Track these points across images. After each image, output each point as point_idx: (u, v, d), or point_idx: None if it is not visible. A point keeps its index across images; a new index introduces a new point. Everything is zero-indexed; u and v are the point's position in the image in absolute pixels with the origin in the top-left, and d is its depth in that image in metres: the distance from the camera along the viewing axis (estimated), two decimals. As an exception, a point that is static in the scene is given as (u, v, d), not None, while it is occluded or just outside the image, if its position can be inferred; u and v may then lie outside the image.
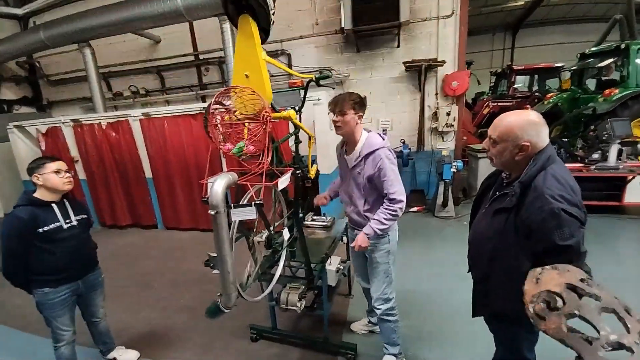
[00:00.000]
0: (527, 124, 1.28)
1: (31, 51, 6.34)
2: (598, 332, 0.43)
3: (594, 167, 4.52)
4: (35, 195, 1.95)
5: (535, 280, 0.56)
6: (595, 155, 4.61)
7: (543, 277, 0.55)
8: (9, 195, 6.34)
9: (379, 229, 1.92)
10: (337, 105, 1.91)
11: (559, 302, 0.49)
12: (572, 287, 0.51)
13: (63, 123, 5.33)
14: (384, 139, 1.98)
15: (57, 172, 1.94)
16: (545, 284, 0.53)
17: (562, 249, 1.17)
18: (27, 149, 5.82)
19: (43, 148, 5.52)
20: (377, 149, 1.91)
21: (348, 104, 1.88)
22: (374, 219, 1.94)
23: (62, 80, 7.44)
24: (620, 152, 4.54)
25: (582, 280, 0.52)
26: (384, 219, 1.92)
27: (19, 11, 6.85)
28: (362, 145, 1.96)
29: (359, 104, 1.92)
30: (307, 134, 2.08)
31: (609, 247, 3.74)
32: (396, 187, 1.90)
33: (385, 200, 1.95)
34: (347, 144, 2.08)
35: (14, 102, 7.43)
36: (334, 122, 1.95)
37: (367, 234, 1.95)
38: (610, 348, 0.41)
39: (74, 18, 5.40)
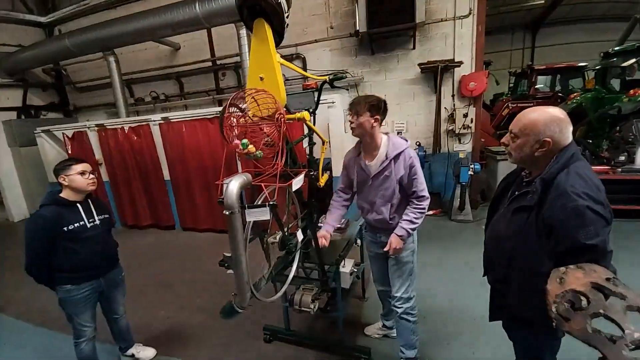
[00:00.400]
0: (551, 120, 1.24)
1: (57, 58, 6.67)
2: (623, 331, 0.41)
3: (620, 169, 4.33)
4: (61, 195, 2.04)
5: (559, 280, 0.54)
6: (622, 157, 4.42)
7: (567, 277, 0.53)
8: (36, 197, 6.67)
9: (410, 229, 1.95)
10: (353, 106, 1.92)
11: (584, 302, 0.48)
12: (598, 287, 0.49)
13: (88, 127, 5.56)
14: (406, 140, 1.99)
15: (82, 173, 2.03)
16: (569, 284, 0.51)
17: (587, 248, 1.12)
18: (54, 152, 6.10)
19: (69, 151, 5.77)
20: (405, 149, 1.93)
21: (364, 106, 1.88)
22: (405, 220, 1.95)
23: (87, 86, 7.77)
24: (648, 154, 4.33)
25: (607, 279, 0.50)
26: (415, 218, 1.94)
27: (43, 19, 7.11)
28: (387, 149, 1.94)
29: (376, 107, 1.89)
30: (321, 138, 2.08)
31: (636, 252, 3.56)
32: (424, 185, 1.95)
33: (413, 200, 1.96)
34: (365, 150, 2.04)
35: (41, 108, 7.78)
36: (350, 122, 1.96)
37: (400, 235, 1.95)
38: (633, 347, 0.39)
39: (98, 27, 5.66)
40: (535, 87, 9.01)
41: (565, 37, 12.53)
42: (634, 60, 5.70)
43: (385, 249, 2.01)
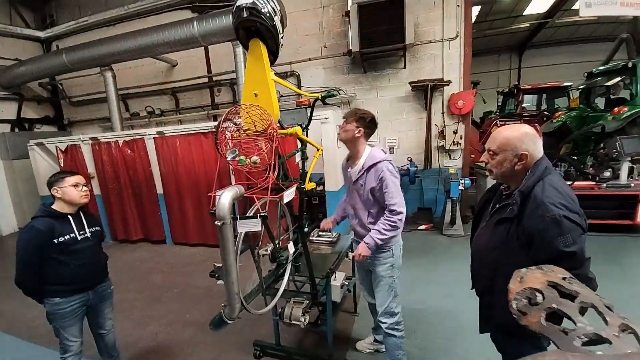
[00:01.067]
0: (524, 135, 1.34)
1: (54, 73, 6.74)
2: (575, 324, 0.46)
3: (605, 185, 4.46)
4: (53, 207, 2.05)
5: (520, 279, 0.59)
6: (606, 173, 4.56)
7: (527, 277, 0.58)
8: (27, 210, 6.57)
9: (378, 239, 1.97)
10: (347, 114, 2.09)
11: (539, 298, 0.53)
12: (553, 285, 0.54)
13: (82, 141, 5.57)
14: (386, 153, 2.07)
15: (76, 185, 2.04)
16: (528, 282, 0.56)
17: (565, 256, 1.18)
18: (46, 165, 6.07)
19: (61, 165, 5.75)
20: (379, 162, 2.00)
21: (354, 116, 2.03)
22: (374, 229, 2.01)
23: (82, 101, 7.82)
24: (631, 170, 4.48)
25: (564, 278, 0.55)
26: (384, 229, 1.97)
27: (41, 34, 7.25)
28: (364, 159, 2.06)
29: (363, 119, 2.02)
30: (315, 146, 2.14)
31: (621, 265, 3.63)
32: (396, 199, 1.96)
33: (385, 212, 2.01)
34: (351, 157, 2.18)
35: (35, 121, 7.79)
36: (339, 126, 2.11)
37: (367, 243, 1.99)
38: (586, 339, 0.43)
39: (96, 44, 5.77)
40: (522, 105, 9.32)
41: (550, 58, 13.09)
42: (619, 78, 5.96)
43: (352, 254, 2.11)
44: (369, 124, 2.05)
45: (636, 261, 3.79)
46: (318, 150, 2.16)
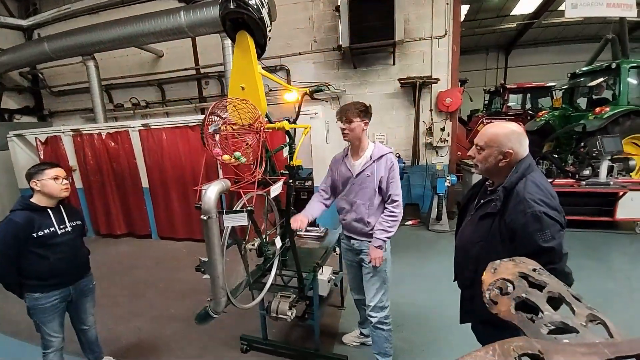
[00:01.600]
0: (511, 133, 1.37)
1: (35, 62, 6.47)
2: (542, 312, 0.48)
3: (584, 182, 4.60)
4: (32, 200, 1.99)
5: (493, 270, 0.61)
6: (586, 172, 4.70)
7: (500, 268, 0.60)
8: (6, 204, 6.34)
9: (386, 237, 2.03)
10: (343, 114, 2.03)
11: (510, 288, 0.54)
12: (524, 275, 0.56)
13: (63, 132, 5.40)
14: (390, 148, 2.14)
15: (56, 178, 1.99)
16: (500, 273, 0.58)
17: (544, 251, 1.23)
18: (26, 157, 5.86)
19: (41, 157, 5.56)
20: (388, 153, 2.06)
21: (354, 112, 2.01)
22: (379, 229, 2.03)
23: (64, 91, 7.56)
24: (611, 169, 4.63)
25: (534, 270, 0.57)
26: (388, 227, 2.02)
27: (23, 22, 6.98)
28: (371, 151, 2.08)
29: (365, 112, 2.04)
30: (303, 127, 2.13)
31: (601, 261, 3.78)
32: (400, 191, 2.05)
33: (387, 206, 2.04)
34: (352, 151, 2.16)
35: (15, 112, 7.51)
36: (342, 129, 2.06)
37: (378, 247, 2.03)
38: (553, 327, 0.45)
39: (78, 32, 5.56)
40: (508, 104, 9.51)
41: (536, 58, 13.35)
42: (601, 79, 6.12)
43: (369, 263, 2.09)
44: (369, 114, 2.07)
45: (615, 256, 3.95)
46: (306, 128, 2.14)
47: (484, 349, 0.41)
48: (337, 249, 2.94)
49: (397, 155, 5.47)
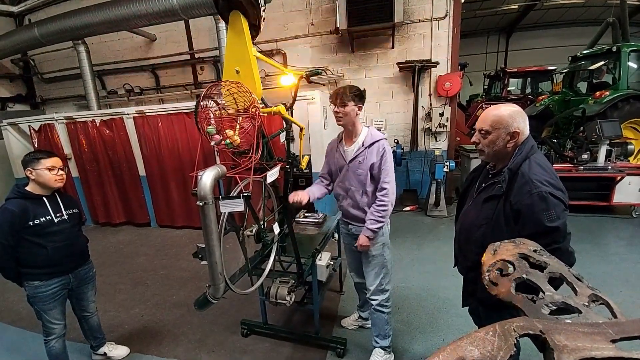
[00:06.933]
0: (515, 113, 1.35)
1: (25, 48, 6.31)
2: (543, 292, 0.47)
3: (582, 167, 4.60)
4: (27, 188, 1.96)
5: (493, 252, 0.60)
6: (585, 156, 4.68)
7: (500, 249, 0.59)
8: (1, 193, 6.30)
9: (376, 228, 2.00)
10: (337, 97, 1.97)
11: (510, 269, 0.54)
12: (524, 256, 0.55)
13: (56, 120, 5.32)
14: (384, 134, 2.07)
15: (51, 169, 1.96)
16: (500, 255, 0.57)
17: (549, 231, 1.23)
18: (20, 146, 5.79)
19: (36, 145, 5.49)
20: (380, 139, 2.01)
21: (348, 96, 1.95)
22: (370, 219, 2.01)
23: (56, 77, 7.41)
24: (609, 153, 4.62)
25: (534, 250, 0.56)
26: (379, 217, 2.00)
27: (14, 9, 6.82)
28: (364, 137, 2.04)
29: (359, 96, 1.99)
30: (298, 126, 2.11)
31: (597, 245, 3.81)
32: (390, 178, 2.00)
33: (377, 195, 2.01)
34: (346, 136, 2.13)
35: (7, 100, 7.38)
36: (335, 113, 2.01)
37: (367, 236, 2.02)
38: (554, 307, 0.44)
39: (68, 15, 5.39)
40: (508, 89, 9.40)
41: (537, 41, 13.12)
42: (602, 62, 6.04)
43: (354, 246, 2.11)
44: (363, 99, 2.02)
45: (611, 240, 3.98)
46: (301, 130, 2.12)
47: (484, 330, 0.41)
48: (336, 235, 2.96)
49: (396, 140, 5.44)
